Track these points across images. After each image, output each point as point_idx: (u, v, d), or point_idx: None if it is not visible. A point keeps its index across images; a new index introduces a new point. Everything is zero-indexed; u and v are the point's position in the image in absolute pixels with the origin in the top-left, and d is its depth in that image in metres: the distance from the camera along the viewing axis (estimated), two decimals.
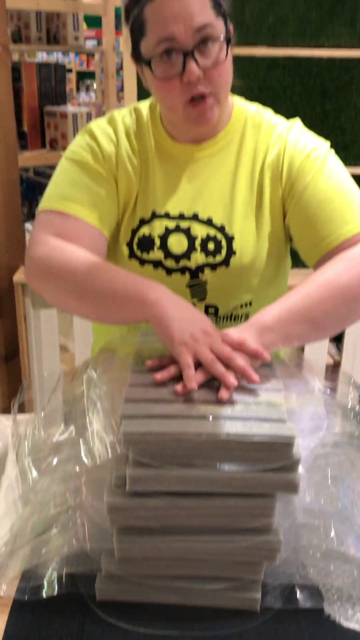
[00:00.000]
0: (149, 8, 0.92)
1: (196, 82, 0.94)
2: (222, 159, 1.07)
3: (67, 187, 1.03)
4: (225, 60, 0.95)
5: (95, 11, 2.77)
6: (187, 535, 0.71)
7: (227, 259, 1.05)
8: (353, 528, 0.77)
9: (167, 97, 0.97)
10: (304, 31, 1.93)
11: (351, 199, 1.01)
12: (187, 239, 1.05)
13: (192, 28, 0.91)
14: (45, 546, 0.76)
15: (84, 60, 7.56)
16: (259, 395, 0.77)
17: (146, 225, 1.05)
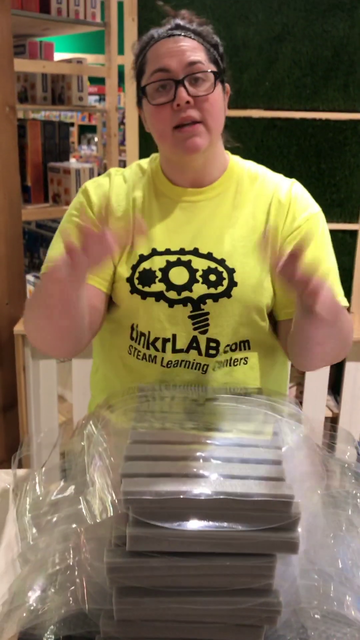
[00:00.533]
0: (150, 50, 1.06)
1: (185, 107, 1.02)
2: (219, 202, 1.13)
3: (60, 250, 1.08)
4: (213, 92, 1.04)
5: (99, 73, 2.89)
6: (187, 596, 0.71)
7: (229, 290, 1.08)
8: (353, 589, 0.77)
9: (159, 123, 1.05)
10: (300, 95, 2.01)
11: (334, 276, 1.15)
12: (188, 271, 1.09)
13: (184, 62, 1.03)
14: (43, 607, 0.75)
15: (86, 115, 7.79)
16: (258, 453, 0.78)
17: (146, 261, 1.10)
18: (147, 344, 1.11)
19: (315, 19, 1.95)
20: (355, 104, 2.02)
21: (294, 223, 1.12)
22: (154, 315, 1.09)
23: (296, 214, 1.12)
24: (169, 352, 1.10)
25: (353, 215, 2.10)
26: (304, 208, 1.14)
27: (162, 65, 1.03)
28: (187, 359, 1.11)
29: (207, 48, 1.07)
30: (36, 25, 2.59)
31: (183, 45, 1.04)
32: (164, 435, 0.82)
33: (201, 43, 1.06)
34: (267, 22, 1.96)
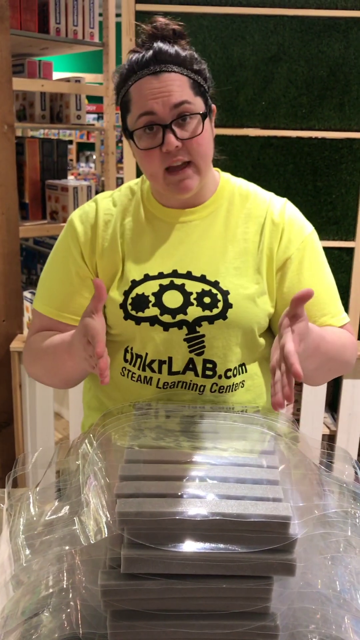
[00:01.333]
0: (134, 88, 1.03)
1: (174, 152, 1.02)
2: (211, 222, 1.12)
3: (47, 287, 1.18)
4: (202, 133, 1.03)
5: (97, 92, 2.91)
6: (183, 619, 0.70)
7: (224, 312, 1.08)
8: (351, 612, 0.75)
9: (149, 166, 1.05)
10: (296, 114, 2.03)
11: (332, 295, 1.17)
12: (182, 295, 1.08)
13: (170, 104, 1.01)
14: (36, 631, 0.74)
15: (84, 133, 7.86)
16: (255, 473, 0.77)
17: (139, 286, 1.09)
18: (143, 366, 1.10)
19: (311, 40, 1.98)
20: (350, 123, 2.04)
21: (290, 246, 1.12)
22: (149, 339, 1.08)
23: (292, 236, 1.12)
24: (165, 374, 1.09)
25: (349, 232, 2.11)
26: (299, 230, 1.14)
27: (147, 109, 1.01)
28: (184, 380, 1.10)
29: (191, 78, 1.04)
30: (35, 45, 2.62)
31: (167, 85, 1.01)
32: (159, 454, 0.81)
33: (185, 74, 1.02)
34: (263, 43, 1.98)
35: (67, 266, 1.14)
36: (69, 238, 1.15)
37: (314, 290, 1.06)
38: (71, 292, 1.14)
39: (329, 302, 1.15)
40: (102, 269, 1.12)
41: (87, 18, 2.60)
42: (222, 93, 2.00)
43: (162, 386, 1.09)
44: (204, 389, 1.10)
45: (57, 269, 1.16)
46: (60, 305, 1.14)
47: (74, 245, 1.13)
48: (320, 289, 1.14)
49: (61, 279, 1.15)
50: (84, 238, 1.13)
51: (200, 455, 0.80)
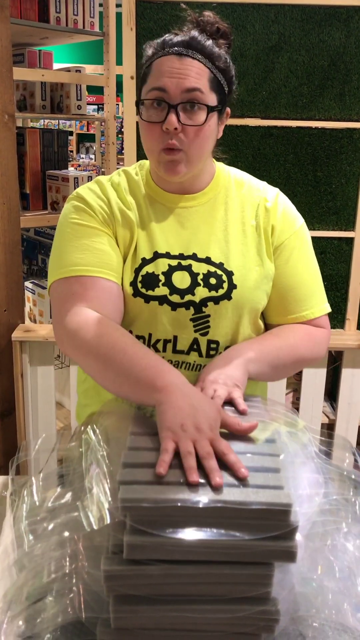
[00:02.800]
0: (156, 62, 1.05)
1: (173, 132, 1.03)
2: (210, 208, 1.15)
3: (72, 253, 1.08)
4: (204, 125, 1.04)
5: (97, 82, 2.90)
6: (185, 604, 0.71)
7: (229, 292, 1.10)
8: (351, 597, 0.76)
9: (148, 140, 1.07)
10: (296, 104, 2.03)
11: (317, 286, 1.20)
12: (189, 275, 1.10)
13: (183, 87, 1.02)
14: (40, 615, 0.75)
15: (85, 124, 7.82)
16: (257, 461, 0.78)
17: (149, 264, 1.10)
18: (147, 346, 1.11)
19: (312, 29, 1.97)
20: (351, 113, 2.04)
21: (282, 235, 1.16)
22: (156, 318, 1.10)
23: (284, 227, 1.16)
24: (169, 353, 1.11)
25: (349, 222, 2.11)
26: (292, 221, 1.18)
27: (160, 85, 1.03)
28: (188, 361, 1.12)
29: (213, 73, 1.05)
30: (35, 35, 2.61)
31: (187, 68, 1.02)
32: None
33: (208, 67, 1.04)
34: (264, 32, 1.97)
35: (91, 228, 1.09)
36: (85, 209, 1.10)
37: (298, 282, 1.18)
38: (107, 251, 1.08)
39: (312, 295, 1.19)
40: (121, 239, 1.11)
41: (88, 7, 2.58)
42: None
43: None
44: None
45: (79, 235, 1.09)
46: (102, 264, 1.07)
47: (94, 212, 1.10)
48: (307, 281, 1.18)
49: (89, 241, 1.08)
50: (99, 209, 1.11)
51: None
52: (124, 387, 0.94)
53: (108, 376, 0.97)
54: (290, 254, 1.16)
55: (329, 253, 2.14)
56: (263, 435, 0.85)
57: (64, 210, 1.15)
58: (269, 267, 1.15)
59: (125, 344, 0.97)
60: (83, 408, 1.27)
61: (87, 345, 0.99)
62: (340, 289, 2.17)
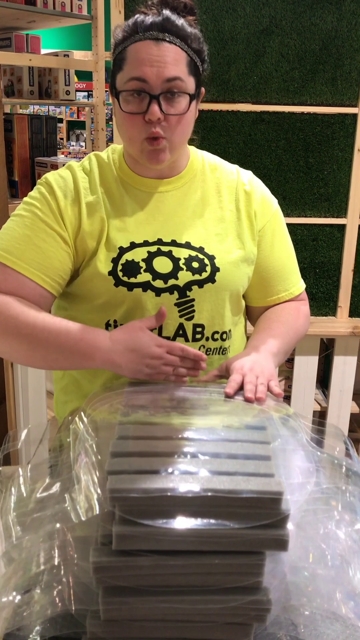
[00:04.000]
0: (131, 47, 1.01)
1: (156, 122, 1.02)
2: (186, 192, 1.14)
3: (16, 240, 1.06)
4: (186, 113, 1.04)
5: (86, 67, 2.86)
6: (175, 595, 0.70)
7: (213, 275, 1.11)
8: (343, 585, 0.76)
9: (130, 130, 1.05)
10: (287, 89, 2.00)
11: (295, 263, 1.25)
12: (171, 261, 1.09)
13: (163, 77, 1.00)
14: (28, 607, 0.74)
15: (75, 111, 7.74)
16: (247, 448, 0.77)
17: (127, 252, 1.09)
18: None
19: (303, 12, 1.94)
20: (343, 98, 2.01)
21: (262, 218, 1.18)
22: (141, 305, 1.08)
23: (263, 209, 1.18)
24: None
25: (341, 209, 2.10)
26: (269, 204, 1.20)
27: (140, 75, 1.00)
28: None
29: (190, 56, 1.03)
30: (22, 18, 2.56)
31: (165, 55, 1.00)
32: (150, 430, 0.81)
33: (185, 50, 1.02)
34: (255, 15, 1.94)
35: (44, 224, 1.07)
36: (48, 198, 1.08)
37: (283, 262, 1.22)
38: (47, 251, 1.06)
39: (292, 273, 1.24)
40: (89, 232, 1.08)
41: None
42: (212, 67, 1.97)
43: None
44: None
45: (30, 225, 1.07)
46: (33, 262, 1.05)
47: (55, 205, 1.08)
48: (287, 262, 1.22)
49: (35, 236, 1.06)
50: (64, 201, 1.08)
51: (191, 431, 0.80)
52: (58, 362, 1.06)
53: (36, 356, 1.04)
54: (273, 237, 1.19)
55: (320, 240, 2.12)
56: (254, 423, 0.84)
57: (31, 193, 1.12)
58: (251, 250, 1.16)
59: (44, 321, 1.02)
60: (63, 405, 1.24)
61: (4, 326, 1.02)
62: (332, 277, 2.16)
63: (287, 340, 1.16)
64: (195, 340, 1.12)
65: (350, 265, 2.15)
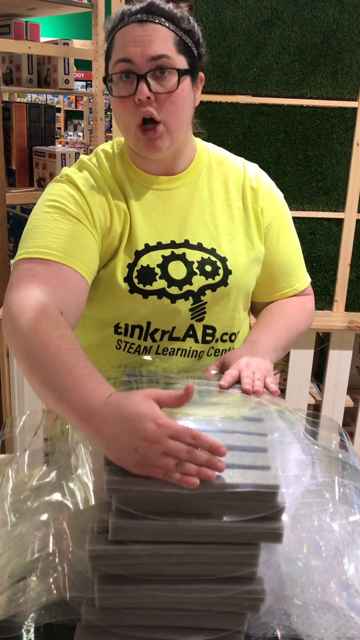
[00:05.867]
0: (118, 34, 1.00)
1: (146, 102, 0.98)
2: (194, 188, 1.11)
3: (52, 235, 0.99)
4: (177, 90, 0.99)
5: (85, 56, 2.84)
6: (170, 584, 0.70)
7: (225, 278, 1.09)
8: (336, 576, 0.76)
9: (123, 116, 1.02)
10: (288, 81, 2.00)
11: (300, 258, 1.23)
12: (184, 265, 1.08)
13: (148, 55, 0.97)
14: (24, 594, 0.74)
15: (73, 100, 7.69)
16: (244, 440, 0.77)
17: (143, 257, 1.06)
18: (145, 335, 1.09)
19: (305, 4, 1.93)
20: (343, 92, 2.01)
21: (269, 214, 1.16)
22: (156, 311, 1.07)
23: (269, 204, 1.16)
24: (166, 340, 1.10)
25: (339, 203, 2.10)
26: (275, 198, 1.18)
27: (125, 56, 0.98)
28: (184, 347, 1.11)
29: (178, 36, 1.00)
30: (21, 5, 2.54)
31: (150, 35, 0.97)
32: None
33: (172, 30, 0.99)
34: (256, 7, 1.93)
35: (75, 216, 1.01)
36: (73, 193, 1.03)
37: (288, 257, 1.19)
38: (84, 242, 1.00)
39: (297, 269, 1.22)
40: (113, 234, 1.04)
41: None
42: (213, 58, 1.96)
43: (162, 352, 1.11)
44: (202, 354, 1.12)
45: (59, 218, 1.00)
46: (76, 254, 0.98)
47: (82, 201, 1.02)
48: (292, 257, 1.21)
49: (69, 226, 1.00)
50: (91, 198, 1.03)
51: (189, 422, 0.80)
52: (47, 400, 0.83)
53: (33, 382, 0.86)
54: (279, 232, 1.17)
55: (318, 234, 2.12)
56: (250, 414, 0.84)
57: (50, 191, 1.05)
58: (259, 249, 1.14)
59: (58, 348, 0.83)
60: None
61: (21, 337, 0.86)
62: (329, 271, 2.17)
63: (286, 335, 1.14)
64: (205, 342, 1.11)
65: (347, 260, 2.15)
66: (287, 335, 1.14)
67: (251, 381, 0.94)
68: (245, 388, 0.92)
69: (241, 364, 0.98)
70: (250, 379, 0.95)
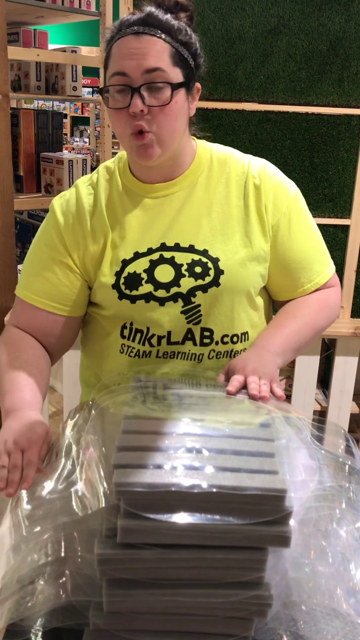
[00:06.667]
0: (115, 45, 1.02)
1: (140, 115, 1.00)
2: (190, 191, 1.12)
3: (29, 274, 1.15)
4: (170, 103, 1.01)
5: (93, 63, 2.86)
6: (178, 588, 0.70)
7: (216, 279, 1.09)
8: (344, 582, 0.77)
9: (117, 126, 1.04)
10: (294, 89, 2.01)
11: (319, 250, 1.19)
12: (172, 267, 1.08)
13: (142, 68, 0.99)
14: (32, 598, 0.75)
15: (79, 107, 7.74)
16: (252, 445, 0.78)
17: (130, 264, 1.08)
18: (144, 340, 1.11)
19: (312, 12, 1.95)
20: (349, 99, 2.02)
21: (277, 211, 1.12)
22: (147, 316, 1.09)
23: (277, 201, 1.13)
24: (164, 345, 1.11)
25: (345, 210, 2.10)
26: (284, 193, 1.14)
27: (120, 69, 0.99)
28: (183, 350, 1.11)
29: (174, 48, 1.01)
30: (30, 13, 2.56)
31: (146, 48, 0.99)
32: (156, 425, 0.81)
33: (169, 42, 1.00)
34: (263, 15, 1.94)
35: (50, 254, 1.13)
36: (51, 228, 1.14)
37: (304, 251, 1.16)
38: (53, 280, 1.13)
39: (315, 262, 1.18)
40: (92, 252, 1.11)
41: None
42: (220, 66, 1.97)
43: (162, 356, 1.11)
44: (202, 357, 1.12)
45: (39, 257, 1.15)
46: (42, 293, 1.13)
47: (57, 235, 1.12)
48: (308, 251, 1.17)
49: (43, 266, 1.13)
50: (65, 228, 1.12)
51: (197, 427, 0.80)
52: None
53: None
54: (289, 227, 1.14)
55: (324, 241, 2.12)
56: (258, 420, 0.85)
57: (43, 222, 1.18)
58: (260, 248, 1.12)
59: (6, 372, 1.08)
60: (84, 396, 1.26)
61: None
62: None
63: (297, 337, 1.12)
64: (204, 344, 1.11)
65: (353, 266, 2.15)
66: (298, 337, 1.13)
67: (257, 386, 0.95)
68: (252, 394, 0.93)
69: (247, 369, 0.99)
70: (256, 384, 0.95)
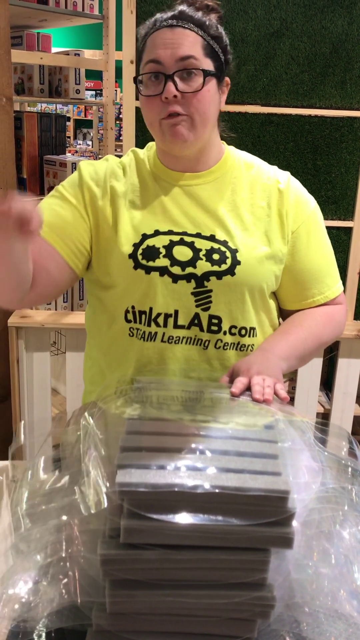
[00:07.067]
0: (150, 38, 1.08)
1: (173, 101, 1.04)
2: (217, 187, 1.15)
3: (41, 208, 1.14)
4: (202, 90, 1.05)
5: (96, 66, 2.87)
6: (181, 589, 0.70)
7: (233, 268, 1.11)
8: (347, 584, 0.77)
9: (149, 113, 1.08)
10: (297, 91, 2.01)
11: (332, 266, 1.22)
12: (191, 250, 1.11)
13: (176, 56, 1.04)
14: (35, 599, 0.75)
15: (82, 110, 7.76)
16: (255, 446, 0.78)
17: (150, 239, 1.11)
18: (149, 321, 1.12)
19: (314, 15, 1.95)
20: (352, 101, 2.02)
21: (297, 219, 1.16)
22: (157, 290, 1.10)
23: (298, 210, 1.16)
24: (170, 327, 1.12)
25: (348, 212, 2.11)
26: (305, 205, 1.18)
27: (154, 57, 1.05)
28: (189, 335, 1.12)
29: (206, 41, 1.06)
30: (34, 17, 2.57)
31: (179, 38, 1.04)
32: (160, 426, 0.82)
33: (200, 35, 1.06)
34: (266, 18, 1.95)
35: (66, 198, 1.15)
36: (74, 180, 1.16)
37: (319, 264, 1.19)
38: (63, 217, 1.14)
39: (328, 276, 1.21)
40: (106, 215, 1.13)
41: None
42: None
43: (167, 340, 1.12)
44: (208, 344, 1.13)
45: (55, 197, 1.16)
46: (48, 223, 1.12)
47: (79, 186, 1.15)
48: (323, 264, 1.20)
49: (57, 204, 1.15)
50: (88, 184, 1.14)
51: (200, 428, 0.81)
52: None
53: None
54: (308, 239, 1.17)
55: None
56: (261, 422, 0.85)
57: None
58: (279, 248, 1.14)
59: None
60: (89, 395, 1.27)
61: None
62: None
63: (303, 346, 1.14)
64: (211, 331, 1.12)
65: (356, 269, 2.15)
66: (303, 346, 1.14)
67: (261, 389, 0.95)
68: (255, 397, 0.93)
69: (251, 371, 1.00)
70: (260, 387, 0.96)
